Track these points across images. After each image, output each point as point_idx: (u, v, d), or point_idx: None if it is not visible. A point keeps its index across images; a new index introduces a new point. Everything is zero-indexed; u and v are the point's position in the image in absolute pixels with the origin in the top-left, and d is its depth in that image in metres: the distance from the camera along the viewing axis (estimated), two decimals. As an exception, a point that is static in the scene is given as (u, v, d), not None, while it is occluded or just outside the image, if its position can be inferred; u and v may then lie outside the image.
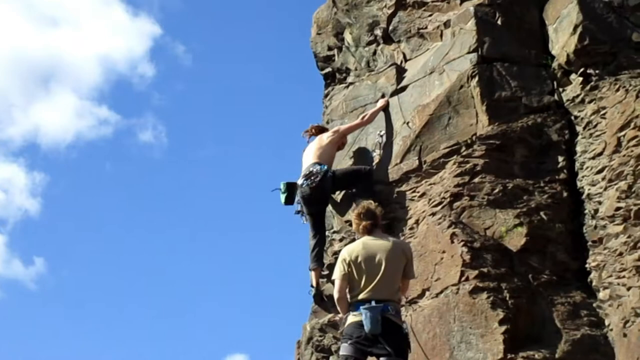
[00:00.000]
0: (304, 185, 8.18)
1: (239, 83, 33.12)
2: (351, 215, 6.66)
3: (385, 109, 8.60)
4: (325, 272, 8.21)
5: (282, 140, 30.61)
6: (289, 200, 8.50)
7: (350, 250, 6.38)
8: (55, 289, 32.09)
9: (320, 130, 8.77)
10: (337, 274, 6.37)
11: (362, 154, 8.67)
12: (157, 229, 32.13)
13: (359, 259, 6.26)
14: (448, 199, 7.64)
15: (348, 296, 6.34)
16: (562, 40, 7.94)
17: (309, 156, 8.45)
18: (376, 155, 8.46)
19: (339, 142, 8.63)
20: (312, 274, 8.28)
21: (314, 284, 8.24)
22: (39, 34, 36.15)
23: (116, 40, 35.78)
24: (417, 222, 7.82)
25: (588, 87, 7.71)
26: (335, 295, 6.38)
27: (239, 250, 31.54)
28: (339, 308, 6.47)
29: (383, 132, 8.49)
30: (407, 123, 8.30)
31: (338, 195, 8.56)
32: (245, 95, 33.12)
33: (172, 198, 32.27)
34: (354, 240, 7.08)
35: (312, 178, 8.13)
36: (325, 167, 8.22)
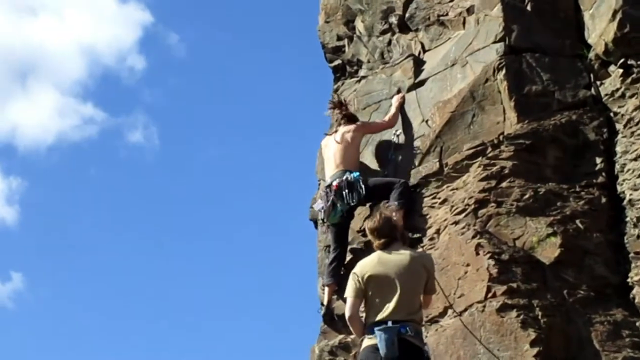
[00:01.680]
0: (346, 198, 7.70)
1: (238, 77, 32.70)
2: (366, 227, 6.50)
3: (402, 105, 8.38)
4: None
5: (287, 141, 30.15)
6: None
7: (364, 267, 6.13)
8: (35, 308, 31.42)
9: (348, 117, 8.18)
10: (349, 291, 6.12)
11: (377, 156, 8.43)
12: (148, 239, 31.48)
13: (374, 277, 6.01)
14: (472, 206, 7.42)
15: (363, 316, 6.10)
16: (599, 27, 7.68)
17: (335, 157, 8.00)
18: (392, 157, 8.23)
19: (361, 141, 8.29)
20: (326, 290, 7.98)
21: (325, 301, 7.95)
22: (16, 23, 35.93)
23: (102, 29, 35.36)
24: (437, 232, 7.61)
25: (629, 80, 7.45)
26: (347, 314, 6.13)
27: (242, 262, 31.02)
28: (352, 329, 6.23)
29: (399, 131, 8.26)
30: (426, 121, 8.10)
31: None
32: (245, 91, 32.69)
33: (165, 205, 31.72)
34: (364, 251, 7.00)
35: (357, 190, 7.71)
36: (359, 176, 7.85)
